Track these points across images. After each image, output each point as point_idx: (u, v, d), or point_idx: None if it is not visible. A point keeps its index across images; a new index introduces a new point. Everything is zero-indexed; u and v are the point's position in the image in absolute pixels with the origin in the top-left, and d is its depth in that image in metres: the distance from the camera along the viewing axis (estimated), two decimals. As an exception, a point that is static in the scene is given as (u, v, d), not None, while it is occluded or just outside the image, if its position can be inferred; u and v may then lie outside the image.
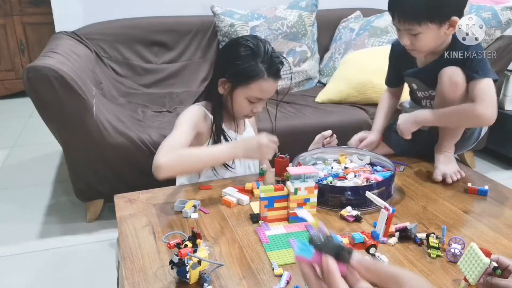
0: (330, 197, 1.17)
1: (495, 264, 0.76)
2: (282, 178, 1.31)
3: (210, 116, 1.36)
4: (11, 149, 2.93)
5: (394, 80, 1.55)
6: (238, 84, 1.30)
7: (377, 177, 1.24)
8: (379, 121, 1.54)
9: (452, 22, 1.26)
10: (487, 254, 0.77)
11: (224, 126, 1.38)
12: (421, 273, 0.91)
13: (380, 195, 1.12)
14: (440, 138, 1.41)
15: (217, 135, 1.36)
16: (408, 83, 1.49)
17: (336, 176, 1.28)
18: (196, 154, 1.22)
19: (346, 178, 1.26)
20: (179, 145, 1.20)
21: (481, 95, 1.27)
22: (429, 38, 1.28)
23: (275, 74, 1.30)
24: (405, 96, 1.61)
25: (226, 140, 1.37)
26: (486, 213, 1.16)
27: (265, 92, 1.31)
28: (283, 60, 1.33)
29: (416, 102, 1.53)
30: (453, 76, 1.29)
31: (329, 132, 1.44)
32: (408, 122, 1.37)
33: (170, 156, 1.15)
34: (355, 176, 1.27)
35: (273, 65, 1.29)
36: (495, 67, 2.19)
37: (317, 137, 1.46)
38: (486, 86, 1.28)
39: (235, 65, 1.29)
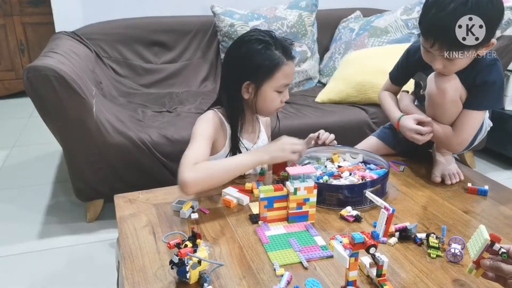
0: (328, 195, 1.17)
1: (504, 250, 0.79)
2: (278, 177, 1.32)
3: (226, 123, 1.34)
4: (11, 149, 2.93)
5: (402, 80, 1.54)
6: (263, 80, 1.28)
7: (372, 175, 1.25)
8: (396, 109, 1.49)
9: (489, 44, 1.22)
10: (497, 239, 0.79)
11: (241, 137, 1.36)
12: (421, 273, 0.91)
13: (376, 193, 1.13)
14: None
15: (234, 145, 1.34)
16: (422, 80, 1.47)
17: (331, 174, 1.28)
18: (222, 166, 1.19)
19: (341, 177, 1.27)
20: (200, 159, 1.18)
21: (461, 127, 1.33)
22: (464, 62, 1.25)
23: (291, 55, 1.30)
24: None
25: (244, 148, 1.36)
26: (486, 213, 1.16)
27: (290, 76, 1.31)
28: (291, 40, 1.34)
29: (419, 99, 1.52)
30: (442, 82, 1.28)
31: (314, 135, 1.43)
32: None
33: (196, 172, 1.13)
34: (350, 174, 1.28)
35: (286, 48, 1.29)
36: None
37: (305, 140, 1.45)
38: (472, 119, 1.32)
39: (253, 62, 1.26)
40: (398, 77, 1.54)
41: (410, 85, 1.54)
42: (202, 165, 1.16)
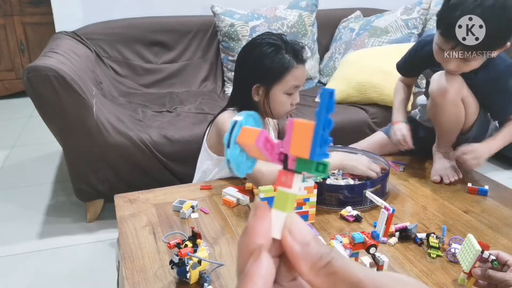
0: (328, 195, 1.17)
1: (494, 257, 0.79)
2: None
3: None
4: (11, 149, 2.93)
5: (410, 72, 1.52)
6: (273, 83, 1.29)
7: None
8: (401, 114, 1.49)
9: (505, 45, 1.22)
10: (485, 247, 0.79)
11: None
12: (421, 273, 0.91)
13: (376, 193, 1.13)
14: (437, 138, 1.41)
15: None
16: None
17: (326, 175, 1.29)
18: None
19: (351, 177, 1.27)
20: None
21: None
22: (479, 63, 1.24)
23: (302, 59, 1.31)
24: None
25: None
26: (486, 213, 1.16)
27: (300, 79, 1.32)
28: (302, 44, 1.34)
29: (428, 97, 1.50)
30: (445, 83, 1.27)
31: None
32: (482, 158, 1.33)
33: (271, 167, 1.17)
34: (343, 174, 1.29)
35: (297, 52, 1.30)
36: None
37: None
38: None
39: (263, 66, 1.27)
40: (403, 66, 1.51)
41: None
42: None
